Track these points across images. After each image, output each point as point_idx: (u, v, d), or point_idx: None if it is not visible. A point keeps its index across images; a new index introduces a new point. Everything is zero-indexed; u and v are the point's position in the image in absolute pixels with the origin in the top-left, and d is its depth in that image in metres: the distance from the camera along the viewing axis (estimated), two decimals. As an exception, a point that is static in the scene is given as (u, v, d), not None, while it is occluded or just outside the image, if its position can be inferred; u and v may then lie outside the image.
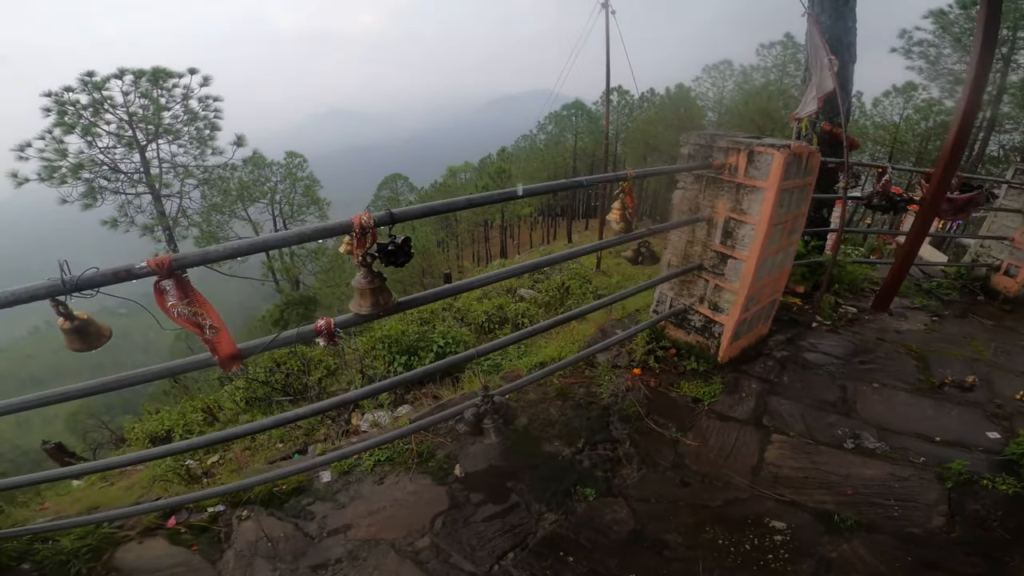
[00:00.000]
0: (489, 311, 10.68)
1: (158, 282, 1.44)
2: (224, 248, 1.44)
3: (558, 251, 13.10)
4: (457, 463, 3.10)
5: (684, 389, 3.52)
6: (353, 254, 1.67)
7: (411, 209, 1.71)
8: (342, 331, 1.83)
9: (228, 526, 2.77)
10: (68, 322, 1.44)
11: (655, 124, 38.03)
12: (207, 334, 1.56)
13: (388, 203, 50.43)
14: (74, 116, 16.17)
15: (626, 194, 2.63)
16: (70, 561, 2.49)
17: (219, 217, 22.23)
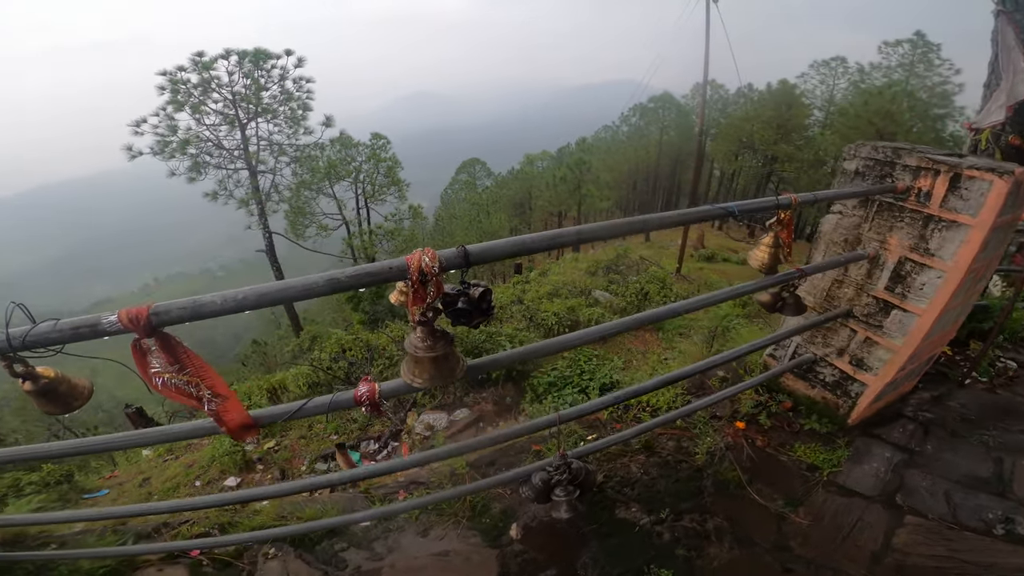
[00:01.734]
0: (560, 312, 10.08)
1: (138, 340, 1.02)
2: (221, 300, 0.97)
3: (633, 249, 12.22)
4: (515, 522, 2.62)
5: (799, 453, 2.86)
6: (408, 309, 1.16)
7: (496, 245, 1.17)
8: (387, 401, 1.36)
9: (253, 563, 2.49)
10: (30, 383, 1.05)
11: (751, 121, 35.30)
12: (208, 406, 1.13)
13: (465, 188, 50.98)
14: (185, 94, 17.35)
15: (784, 226, 1.93)
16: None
17: (307, 193, 23.20)
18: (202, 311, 0.97)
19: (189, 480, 5.97)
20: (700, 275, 17.26)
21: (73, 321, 0.96)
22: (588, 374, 7.19)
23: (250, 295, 0.99)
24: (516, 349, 1.45)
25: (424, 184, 61.18)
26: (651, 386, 2.31)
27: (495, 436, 1.98)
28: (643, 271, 15.37)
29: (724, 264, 21.29)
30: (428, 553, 2.52)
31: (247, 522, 2.74)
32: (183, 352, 1.06)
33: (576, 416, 2.05)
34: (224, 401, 1.16)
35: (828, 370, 3.00)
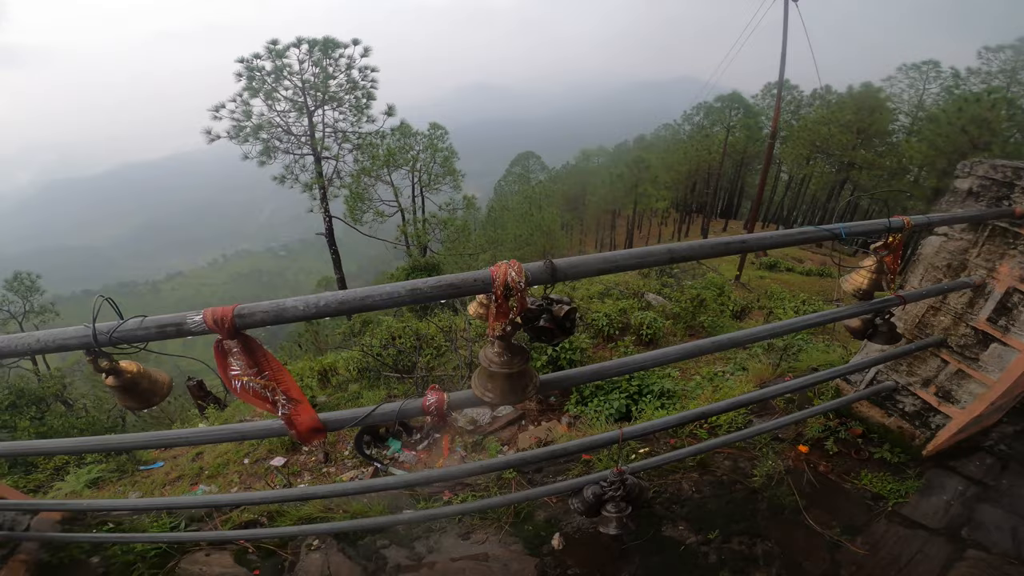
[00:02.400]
0: (611, 314, 9.84)
1: (220, 341, 1.01)
2: (303, 306, 0.94)
3: None
4: (558, 532, 2.56)
5: (864, 481, 2.71)
6: (488, 323, 1.10)
7: (584, 261, 1.09)
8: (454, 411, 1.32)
9: (296, 554, 2.54)
10: (113, 379, 1.07)
11: (828, 124, 33.18)
12: (281, 410, 1.12)
13: (518, 180, 50.99)
14: (259, 81, 18.20)
15: (892, 251, 1.72)
16: (136, 563, 2.39)
17: (366, 180, 23.89)
18: (284, 315, 0.95)
19: (239, 457, 6.20)
20: (761, 284, 16.39)
21: (159, 319, 0.96)
22: (638, 380, 6.98)
23: (331, 302, 0.95)
24: (588, 367, 1.36)
25: (478, 175, 61.68)
26: (718, 408, 2.17)
27: (552, 450, 1.90)
28: (699, 276, 14.81)
29: (788, 274, 20.11)
30: (468, 556, 2.50)
31: (294, 511, 2.78)
32: (262, 355, 1.04)
33: (640, 434, 1.95)
34: (296, 405, 1.15)
35: (909, 399, 2.79)
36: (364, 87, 20.09)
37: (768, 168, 18.38)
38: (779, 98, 17.01)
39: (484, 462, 1.82)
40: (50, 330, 0.98)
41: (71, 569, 2.41)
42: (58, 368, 23.07)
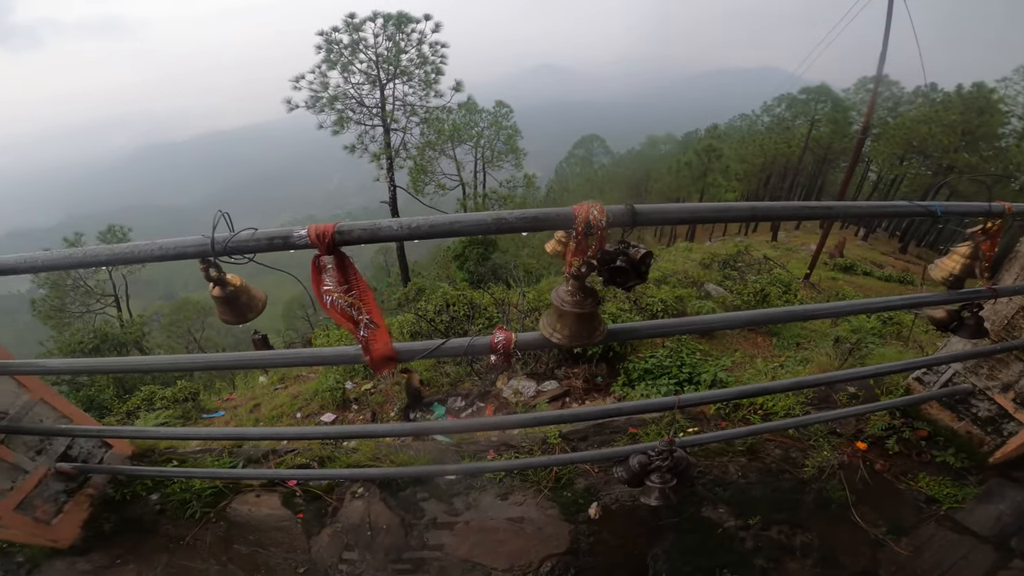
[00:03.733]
0: (667, 300, 9.59)
1: (317, 257, 1.09)
2: (397, 227, 1.00)
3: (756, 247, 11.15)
4: (596, 501, 2.58)
5: (921, 484, 2.63)
6: (565, 260, 1.13)
7: (667, 208, 1.09)
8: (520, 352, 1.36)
9: (340, 500, 2.68)
10: (219, 289, 1.19)
11: (929, 123, 30.24)
12: (362, 332, 1.20)
13: (581, 163, 50.20)
14: (337, 54, 18.84)
15: (990, 237, 1.59)
16: (191, 501, 2.58)
17: (431, 153, 24.35)
18: (380, 234, 1.02)
19: (292, 411, 6.60)
20: (832, 286, 15.36)
21: (269, 232, 1.05)
22: (689, 367, 6.81)
23: (423, 224, 1.01)
24: (653, 322, 1.36)
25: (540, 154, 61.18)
26: (779, 387, 2.10)
27: (607, 409, 1.91)
28: (765, 272, 14.09)
29: (864, 278, 18.70)
30: (504, 517, 2.56)
31: (344, 458, 2.94)
32: (354, 273, 1.12)
33: (696, 403, 1.92)
34: (376, 330, 1.22)
35: (984, 404, 2.64)
36: (434, 62, 20.36)
37: (855, 166, 17.00)
38: (875, 93, 15.59)
39: (535, 414, 1.87)
40: (171, 238, 1.10)
41: (132, 505, 2.64)
42: (140, 315, 25.39)
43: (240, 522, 2.59)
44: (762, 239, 30.55)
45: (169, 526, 2.58)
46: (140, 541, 2.52)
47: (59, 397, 2.47)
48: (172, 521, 2.60)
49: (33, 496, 2.33)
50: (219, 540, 2.51)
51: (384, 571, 2.34)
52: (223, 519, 2.59)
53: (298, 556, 2.44)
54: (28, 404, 2.30)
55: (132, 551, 2.48)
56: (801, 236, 32.90)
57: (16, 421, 2.21)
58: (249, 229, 1.06)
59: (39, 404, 2.34)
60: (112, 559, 2.44)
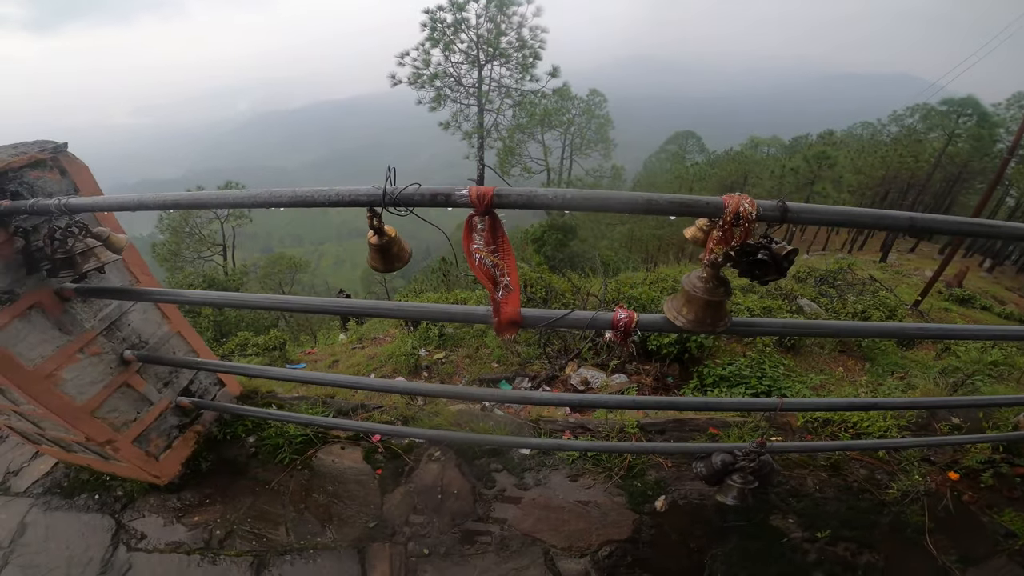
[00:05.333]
0: (753, 308, 9.10)
1: (471, 216, 1.20)
2: (551, 196, 1.08)
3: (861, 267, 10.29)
4: (664, 495, 2.57)
5: (1005, 518, 2.49)
6: (705, 247, 1.15)
7: (820, 209, 1.07)
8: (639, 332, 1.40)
9: (417, 461, 2.80)
10: (377, 237, 1.33)
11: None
12: (499, 293, 1.30)
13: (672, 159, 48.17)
14: (440, 32, 19.38)
15: None
16: (283, 447, 2.76)
17: (520, 136, 24.56)
18: (535, 201, 1.10)
19: (367, 371, 6.92)
20: (943, 317, 13.74)
21: (433, 188, 1.17)
22: (769, 380, 6.47)
23: (576, 197, 1.08)
24: (779, 320, 1.35)
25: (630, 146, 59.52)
26: (884, 404, 2.02)
27: (697, 401, 1.91)
28: (868, 293, 12.87)
29: (982, 312, 16.54)
30: (571, 499, 2.60)
31: (427, 420, 3.08)
32: (502, 236, 1.22)
33: (800, 408, 1.87)
34: (510, 293, 1.32)
35: None
36: (532, 46, 20.38)
37: (995, 187, 14.92)
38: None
39: (619, 397, 1.90)
40: (347, 186, 1.25)
41: (230, 445, 2.83)
42: (243, 264, 27.93)
43: (323, 472, 2.74)
44: (869, 258, 27.82)
45: (259, 469, 2.74)
46: (230, 482, 2.67)
47: (193, 331, 2.55)
48: (262, 464, 2.76)
49: (151, 429, 2.41)
50: (301, 488, 2.65)
51: (448, 535, 2.43)
52: (308, 467, 2.75)
53: (370, 511, 2.55)
54: (167, 335, 2.39)
55: (221, 491, 2.63)
56: (915, 260, 29.57)
57: (155, 351, 2.31)
58: (415, 184, 1.18)
59: (175, 336, 2.45)
60: (202, 498, 2.60)
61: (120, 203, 1.55)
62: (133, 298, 2.10)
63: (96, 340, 2.07)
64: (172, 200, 1.48)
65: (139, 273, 2.20)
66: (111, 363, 2.14)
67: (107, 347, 2.12)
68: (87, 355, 2.04)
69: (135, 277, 2.19)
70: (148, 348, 2.29)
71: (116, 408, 2.22)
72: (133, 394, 2.29)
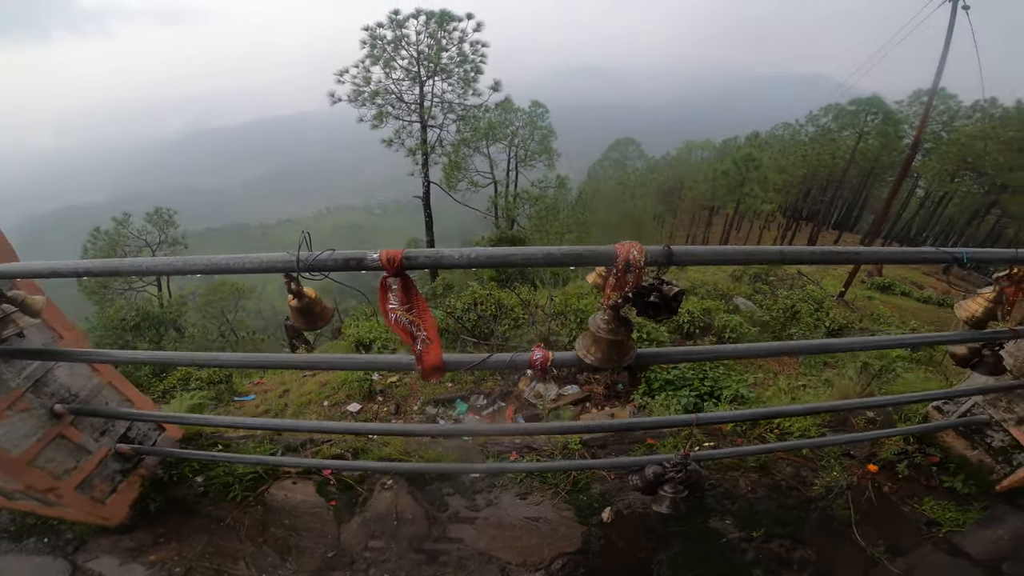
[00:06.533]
0: (694, 312, 9.54)
1: (385, 278, 1.25)
2: (458, 256, 1.15)
3: None
4: (610, 506, 2.70)
5: (925, 507, 2.71)
6: (604, 292, 1.25)
7: (699, 250, 1.20)
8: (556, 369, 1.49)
9: (371, 490, 2.83)
10: (297, 300, 1.36)
11: (985, 140, 28.78)
12: (419, 346, 1.36)
13: (614, 166, 49.77)
14: (380, 49, 19.29)
15: (1015, 283, 1.64)
16: (233, 485, 2.74)
17: (465, 150, 24.65)
18: (442, 262, 1.16)
19: (320, 399, 6.77)
20: (867, 306, 14.91)
21: (345, 253, 1.21)
22: (711, 381, 6.80)
23: (481, 255, 1.15)
24: (679, 348, 1.47)
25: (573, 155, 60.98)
26: (794, 411, 2.20)
27: (628, 423, 2.03)
28: (797, 287, 13.79)
29: (902, 299, 18.07)
30: (522, 516, 2.70)
31: (376, 451, 3.10)
32: (416, 294, 1.27)
33: (712, 422, 2.03)
34: (430, 344, 1.38)
35: (999, 435, 2.70)
36: (474, 61, 20.62)
37: (902, 180, 16.42)
38: (928, 107, 15.01)
39: (560, 423, 1.99)
40: (261, 254, 1.27)
41: (178, 486, 2.80)
42: (180, 295, 26.45)
43: (277, 507, 2.74)
44: (798, 253, 29.69)
45: (211, 508, 2.72)
46: (183, 521, 2.66)
47: (125, 381, 2.59)
48: (214, 503, 2.74)
49: (93, 475, 2.46)
50: (256, 523, 2.65)
51: (406, 559, 2.47)
52: (261, 503, 2.75)
53: (328, 541, 2.58)
54: (97, 387, 2.43)
55: (175, 530, 2.62)
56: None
57: (86, 403, 2.35)
58: (328, 250, 1.22)
59: (107, 387, 2.48)
60: (156, 538, 2.59)
61: (32, 270, 1.55)
62: (54, 358, 2.14)
63: (24, 397, 2.11)
64: (85, 268, 1.46)
65: (61, 330, 2.22)
66: (41, 417, 2.19)
67: (35, 403, 2.17)
68: (16, 411, 2.09)
69: (58, 334, 2.22)
70: (79, 401, 2.33)
71: (53, 458, 2.28)
72: (69, 444, 2.34)
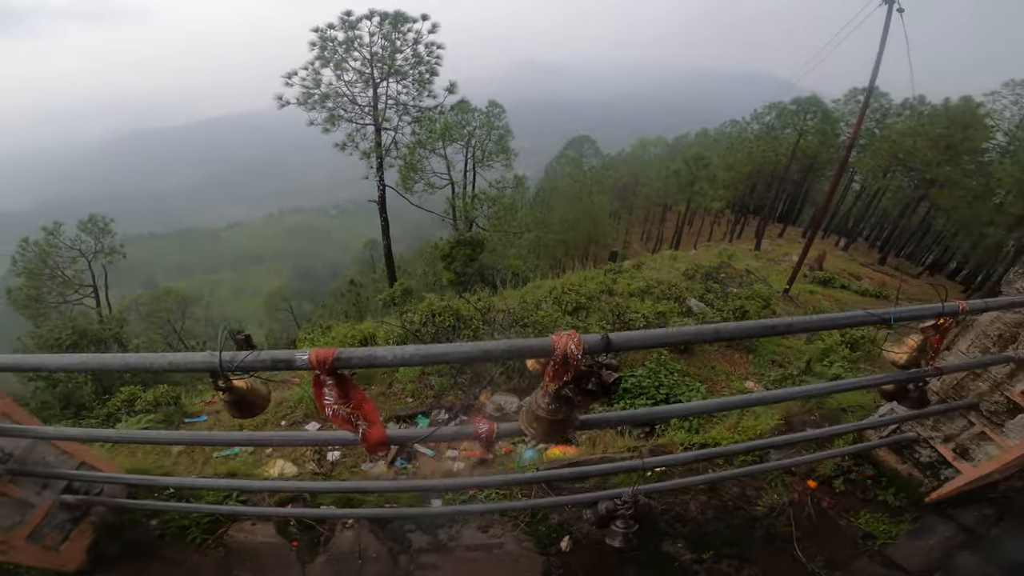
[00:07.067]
0: (649, 316, 9.78)
1: (319, 375, 1.20)
2: (391, 356, 1.11)
3: (740, 258, 11.63)
4: (568, 535, 2.76)
5: (861, 520, 2.85)
6: (544, 380, 1.24)
7: (634, 336, 1.21)
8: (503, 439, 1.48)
9: (332, 530, 2.81)
10: (227, 394, 1.29)
11: (914, 136, 30.83)
12: (359, 432, 1.32)
13: (571, 164, 50.33)
14: (331, 51, 18.70)
15: (940, 332, 1.75)
16: (190, 528, 2.68)
17: (421, 151, 24.23)
18: (376, 362, 1.13)
19: (276, 419, 6.55)
20: (811, 300, 15.72)
21: (274, 354, 1.15)
22: (667, 388, 7.01)
23: (416, 354, 1.12)
24: (623, 412, 1.49)
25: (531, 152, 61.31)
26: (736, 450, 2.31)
27: (579, 471, 2.06)
28: (746, 285, 14.38)
29: (842, 292, 19.13)
30: (483, 548, 2.73)
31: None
32: (352, 388, 1.23)
33: (659, 465, 2.07)
34: (372, 426, 1.34)
35: (926, 451, 2.87)
36: (429, 63, 20.31)
37: (840, 177, 17.37)
38: (865, 107, 15.90)
39: (514, 475, 2.00)
40: (181, 353, 1.20)
41: (133, 529, 2.73)
42: (119, 310, 24.88)
43: (238, 548, 2.69)
44: (746, 247, 31.04)
45: (170, 551, 2.67)
46: (142, 566, 2.61)
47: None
48: (172, 546, 2.69)
49: (42, 526, 2.45)
50: (218, 566, 2.61)
51: None
52: (222, 545, 2.69)
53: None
54: (31, 443, 2.36)
55: (135, 575, 2.58)
56: (784, 245, 33.50)
57: (21, 462, 2.29)
58: (255, 352, 1.16)
59: (42, 443, 2.40)
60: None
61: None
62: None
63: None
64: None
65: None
66: (-24, 479, 2.15)
67: (-33, 467, 2.12)
68: (-51, 477, 2.05)
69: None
70: (14, 460, 2.27)
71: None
72: (10, 501, 2.34)
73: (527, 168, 36.21)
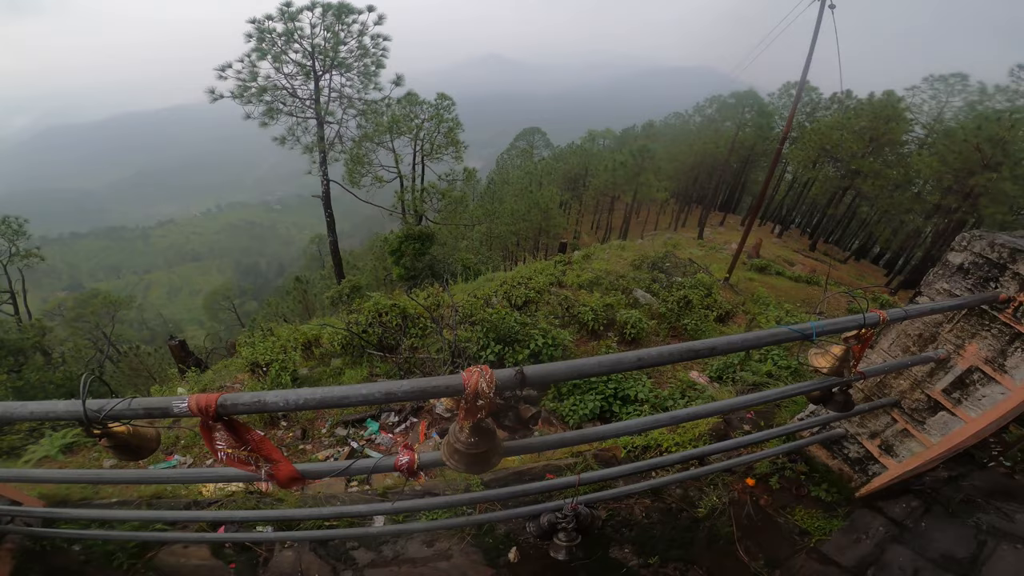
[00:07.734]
0: (597, 309, 9.95)
1: (205, 421, 1.08)
2: (283, 401, 1.02)
3: (684, 247, 12.00)
4: (515, 546, 2.73)
5: (797, 517, 2.93)
6: (457, 416, 1.18)
7: (552, 368, 1.16)
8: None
9: (270, 551, 2.68)
10: (107, 440, 1.15)
11: (841, 129, 32.80)
12: (263, 471, 1.21)
13: (521, 155, 50.40)
14: (270, 43, 17.73)
15: (861, 341, 1.82)
16: (116, 553, 2.49)
17: (367, 145, 23.51)
18: (265, 407, 1.02)
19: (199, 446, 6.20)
20: (749, 287, 16.48)
21: (147, 402, 1.03)
22: (615, 383, 7.14)
23: (311, 398, 1.03)
24: (555, 436, 1.45)
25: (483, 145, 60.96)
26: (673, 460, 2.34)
27: (521, 489, 2.02)
28: (690, 274, 14.89)
29: (777, 278, 20.22)
30: (430, 563, 2.67)
31: (272, 506, 2.91)
32: (245, 431, 1.12)
33: (596, 480, 2.07)
34: (277, 464, 1.24)
35: (855, 447, 2.99)
36: (375, 55, 19.67)
37: (775, 168, 18.28)
38: (796, 101, 16.75)
39: (461, 495, 1.94)
40: (44, 402, 1.05)
41: (55, 555, 2.51)
42: (38, 319, 22.89)
43: (170, 573, 2.54)
44: (690, 236, 32.18)
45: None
46: None
47: None
48: (99, 571, 2.51)
49: None
50: None
51: None
52: (152, 570, 2.53)
53: None
54: None
55: None
56: (725, 233, 34.99)
57: None
58: (126, 400, 1.03)
59: None
60: None
61: None
62: None
63: None
64: None
65: None
66: None
67: None
68: None
69: None
70: None
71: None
72: None
73: (479, 160, 36.01)
